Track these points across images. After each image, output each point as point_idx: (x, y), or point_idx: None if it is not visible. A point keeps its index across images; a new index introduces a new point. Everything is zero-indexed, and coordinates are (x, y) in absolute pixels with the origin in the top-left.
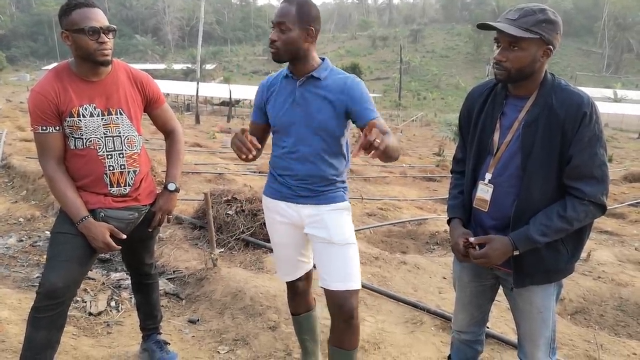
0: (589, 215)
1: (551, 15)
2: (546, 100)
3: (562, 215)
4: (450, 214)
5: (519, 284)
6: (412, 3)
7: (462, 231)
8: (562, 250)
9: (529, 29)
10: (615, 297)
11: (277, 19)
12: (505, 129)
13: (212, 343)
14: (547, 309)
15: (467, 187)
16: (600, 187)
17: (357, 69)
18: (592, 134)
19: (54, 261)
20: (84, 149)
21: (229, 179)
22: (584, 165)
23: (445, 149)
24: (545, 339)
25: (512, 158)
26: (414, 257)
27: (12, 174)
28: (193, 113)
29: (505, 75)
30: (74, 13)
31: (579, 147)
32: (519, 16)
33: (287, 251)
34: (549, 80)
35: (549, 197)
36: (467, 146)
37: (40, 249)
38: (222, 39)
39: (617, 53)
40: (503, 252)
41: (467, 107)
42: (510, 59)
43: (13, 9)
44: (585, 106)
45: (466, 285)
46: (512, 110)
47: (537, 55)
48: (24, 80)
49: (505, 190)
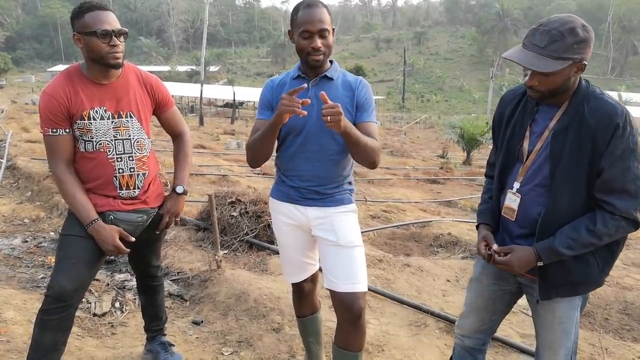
0: (620, 230)
1: (581, 34)
2: (577, 109)
3: (591, 230)
4: (479, 219)
5: (545, 296)
6: (415, 5)
7: (483, 234)
8: (592, 262)
9: (560, 57)
10: (620, 301)
11: (321, 25)
12: (535, 137)
13: (216, 344)
14: (570, 319)
15: (495, 193)
16: (633, 202)
17: (361, 71)
18: (625, 146)
19: (64, 264)
20: (93, 151)
21: (233, 181)
22: (616, 179)
23: (448, 151)
24: (567, 350)
25: (540, 167)
26: (417, 260)
27: (18, 175)
28: (197, 115)
29: (538, 96)
30: (87, 16)
31: (611, 159)
32: (547, 42)
33: (293, 253)
34: (583, 88)
35: (577, 209)
36: (497, 151)
37: (45, 250)
38: (226, 41)
39: (622, 56)
40: (526, 261)
41: (499, 112)
42: (544, 83)
43: (19, 11)
44: (618, 117)
45: (485, 289)
46: (543, 118)
47: (571, 73)
48: (29, 81)
49: (532, 200)
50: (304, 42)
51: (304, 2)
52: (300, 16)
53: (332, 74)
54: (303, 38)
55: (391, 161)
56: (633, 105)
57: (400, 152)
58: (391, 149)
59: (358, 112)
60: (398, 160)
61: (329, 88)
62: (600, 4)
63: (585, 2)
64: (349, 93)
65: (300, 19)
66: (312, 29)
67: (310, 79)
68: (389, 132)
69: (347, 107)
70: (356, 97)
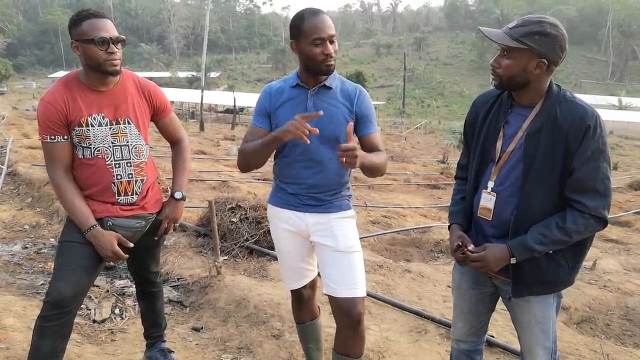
0: (589, 228)
1: (547, 29)
2: (550, 111)
3: (561, 227)
4: (450, 219)
5: (516, 294)
6: (416, 11)
7: (457, 234)
8: (562, 262)
9: (517, 39)
10: (622, 306)
11: (331, 31)
12: (508, 138)
13: (215, 351)
14: (546, 319)
15: (468, 194)
16: (602, 201)
17: (361, 76)
18: (595, 147)
19: (62, 270)
20: (92, 158)
21: (233, 187)
22: (587, 178)
23: (449, 156)
24: (546, 350)
25: (514, 167)
26: (418, 265)
27: (18, 181)
28: (197, 121)
29: (497, 81)
30: (84, 24)
31: (582, 160)
32: (516, 25)
33: (292, 259)
34: (554, 92)
35: (549, 208)
36: (471, 153)
37: (45, 256)
38: (227, 47)
39: (622, 61)
40: (499, 258)
41: (472, 114)
42: (502, 67)
43: (20, 17)
44: (589, 119)
45: (465, 293)
46: (517, 120)
47: (528, 66)
48: (30, 88)
49: (506, 199)
50: (316, 49)
51: (308, 10)
52: (308, 24)
53: (330, 82)
54: (315, 45)
55: (391, 166)
56: (633, 110)
57: (400, 157)
58: (391, 155)
59: (360, 124)
60: (398, 165)
61: (328, 97)
62: (599, 9)
63: (584, 8)
64: (347, 102)
65: (309, 27)
66: (324, 35)
67: (309, 88)
68: (389, 137)
69: (346, 116)
70: (356, 107)
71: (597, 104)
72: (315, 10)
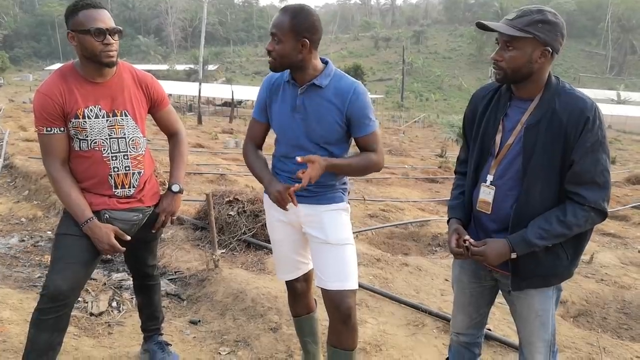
0: (589, 221)
1: (549, 16)
2: (549, 104)
3: (562, 220)
4: (450, 214)
5: (516, 287)
6: (414, 4)
7: (454, 227)
8: (561, 254)
9: (522, 29)
10: (618, 300)
11: (271, 29)
12: (507, 131)
13: (213, 344)
14: (545, 312)
15: (468, 188)
16: (601, 193)
17: (360, 70)
18: (595, 139)
19: (59, 263)
20: (88, 150)
21: (231, 180)
22: (586, 170)
23: (447, 150)
24: (545, 342)
25: (513, 160)
26: (416, 259)
27: (15, 174)
28: (195, 114)
29: (502, 75)
30: (80, 14)
31: (582, 152)
32: (516, 16)
33: (285, 250)
34: (553, 83)
35: (549, 201)
36: (470, 147)
37: (42, 249)
38: (225, 40)
39: (621, 55)
40: (500, 253)
41: (470, 108)
42: (506, 59)
43: (16, 9)
44: (588, 111)
45: (465, 286)
46: (516, 113)
47: (533, 56)
48: (26, 80)
49: (505, 193)
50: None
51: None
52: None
53: (321, 81)
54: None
55: (390, 160)
56: (631, 104)
57: (398, 151)
58: (390, 148)
59: (353, 126)
60: (397, 159)
61: (316, 97)
62: (599, 4)
63: (584, 2)
64: (339, 103)
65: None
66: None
67: (299, 86)
68: (387, 131)
69: (335, 117)
70: (347, 109)
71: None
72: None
